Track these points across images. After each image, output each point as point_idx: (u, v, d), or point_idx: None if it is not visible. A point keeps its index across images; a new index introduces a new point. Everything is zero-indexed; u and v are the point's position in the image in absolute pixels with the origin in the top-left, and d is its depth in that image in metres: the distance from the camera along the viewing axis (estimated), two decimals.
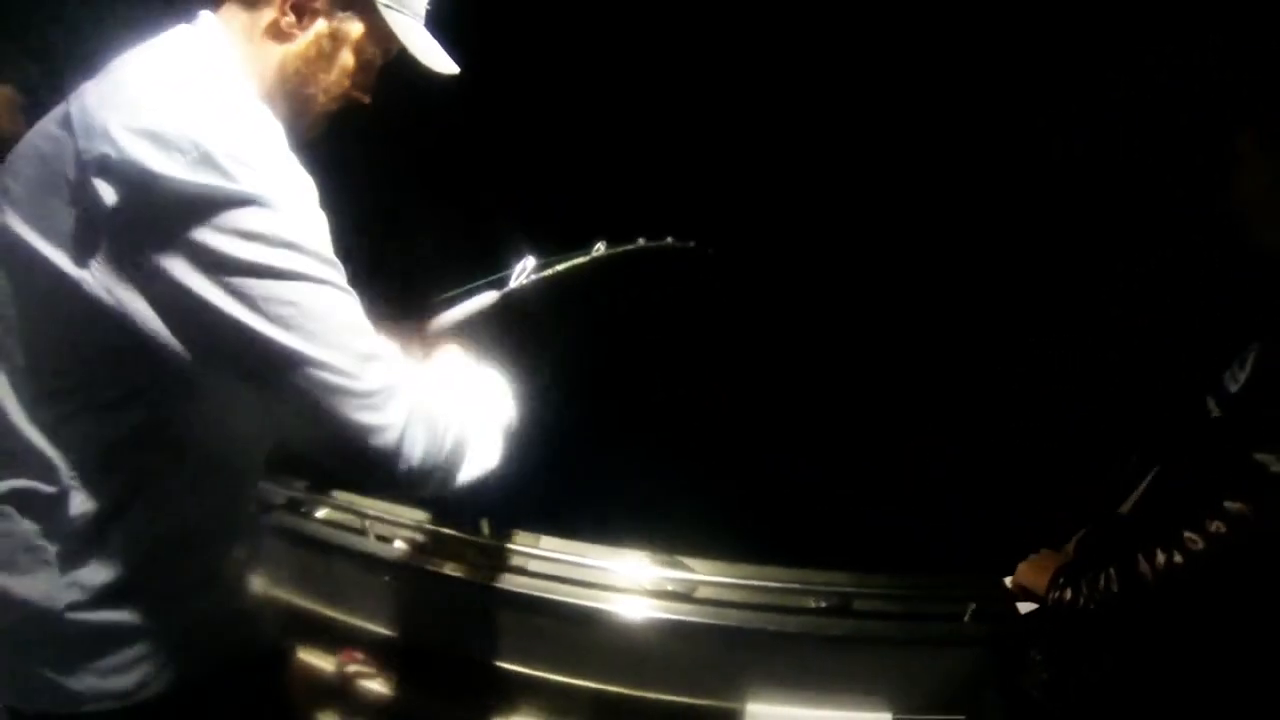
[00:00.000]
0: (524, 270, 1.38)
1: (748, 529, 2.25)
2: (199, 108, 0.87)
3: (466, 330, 1.30)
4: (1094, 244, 3.39)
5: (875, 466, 3.08)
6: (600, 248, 1.47)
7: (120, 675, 0.98)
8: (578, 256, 1.45)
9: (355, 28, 1.03)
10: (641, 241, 1.52)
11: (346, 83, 1.06)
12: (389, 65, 1.12)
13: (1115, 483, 1.54)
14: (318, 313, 0.87)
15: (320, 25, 1.01)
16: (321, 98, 1.05)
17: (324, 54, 1.02)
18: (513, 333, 1.37)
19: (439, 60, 1.11)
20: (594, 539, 1.88)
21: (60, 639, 0.96)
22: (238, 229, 0.84)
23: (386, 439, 0.89)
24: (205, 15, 0.99)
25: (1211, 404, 1.31)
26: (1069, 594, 1.41)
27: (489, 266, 1.39)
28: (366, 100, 1.11)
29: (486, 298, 1.34)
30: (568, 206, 3.08)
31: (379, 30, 1.05)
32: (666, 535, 1.91)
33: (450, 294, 1.34)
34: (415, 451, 0.92)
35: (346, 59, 1.04)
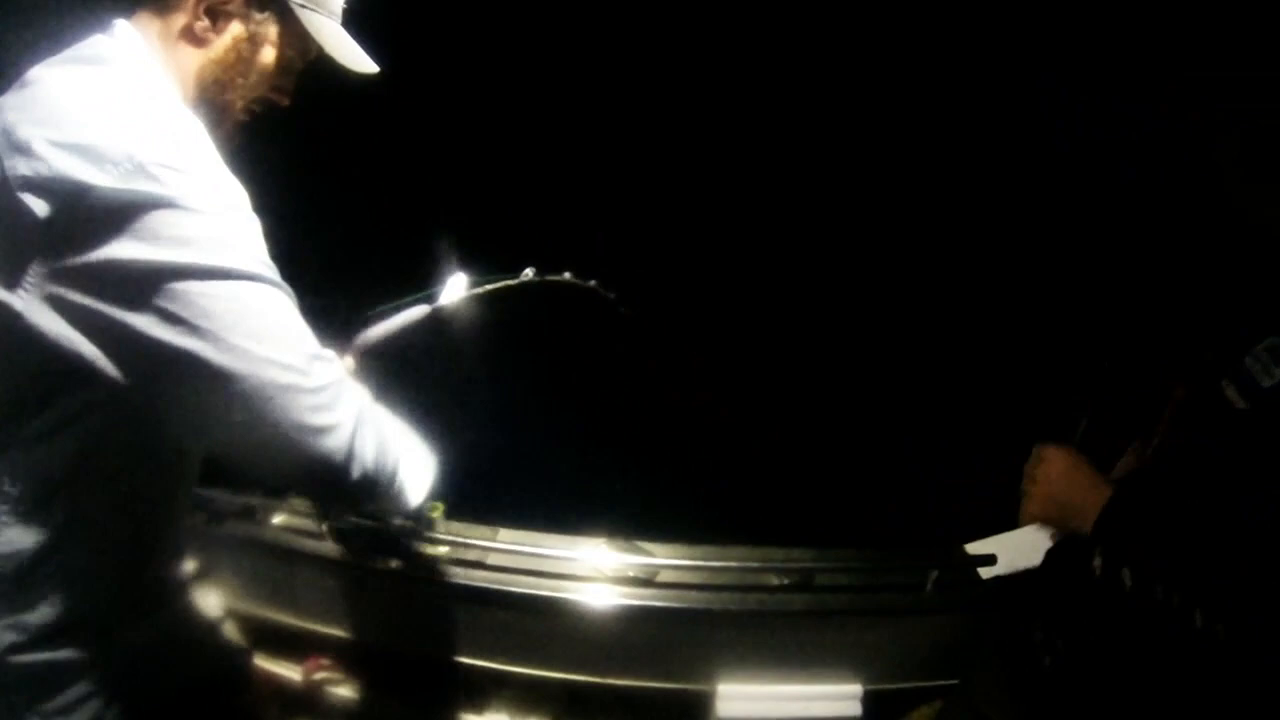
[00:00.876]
0: (454, 286, 1.43)
1: (703, 512, 2.25)
2: (127, 120, 0.86)
3: (396, 342, 1.34)
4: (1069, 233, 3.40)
5: (833, 447, 3.10)
6: (529, 273, 1.52)
7: (68, 715, 0.95)
8: (508, 279, 1.50)
9: (271, 30, 1.02)
10: (568, 276, 1.57)
11: (265, 86, 1.05)
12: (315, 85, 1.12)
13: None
14: (259, 310, 0.87)
15: (236, 29, 1.00)
16: (240, 102, 1.04)
17: (242, 58, 1.01)
18: (443, 342, 1.41)
19: (358, 59, 1.10)
20: (551, 529, 1.87)
21: (3, 683, 0.93)
22: (172, 235, 0.83)
23: (339, 439, 0.88)
24: (120, 24, 0.97)
25: (1232, 392, 1.14)
26: (1129, 581, 1.09)
27: (419, 283, 1.44)
28: (285, 103, 1.10)
29: (416, 311, 1.39)
30: (497, 232, 3.10)
31: (295, 31, 1.04)
32: (623, 522, 1.90)
33: (381, 308, 1.38)
34: (367, 452, 0.91)
35: (265, 62, 1.03)
